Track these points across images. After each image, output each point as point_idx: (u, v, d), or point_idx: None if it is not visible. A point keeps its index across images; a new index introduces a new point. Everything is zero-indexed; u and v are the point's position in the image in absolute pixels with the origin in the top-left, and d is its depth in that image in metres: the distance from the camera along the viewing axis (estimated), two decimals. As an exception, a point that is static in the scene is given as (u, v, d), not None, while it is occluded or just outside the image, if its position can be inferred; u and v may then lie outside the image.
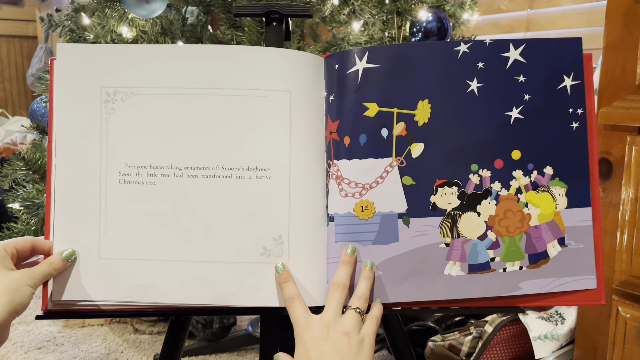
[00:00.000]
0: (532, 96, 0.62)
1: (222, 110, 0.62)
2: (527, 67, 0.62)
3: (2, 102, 3.23)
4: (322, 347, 0.55)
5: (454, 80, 0.62)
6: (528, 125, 0.62)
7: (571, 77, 0.63)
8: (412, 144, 0.62)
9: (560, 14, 1.60)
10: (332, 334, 0.56)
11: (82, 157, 0.62)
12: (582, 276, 0.63)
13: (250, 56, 0.62)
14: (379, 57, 0.62)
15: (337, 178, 0.62)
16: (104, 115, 0.62)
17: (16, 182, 1.26)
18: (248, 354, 1.47)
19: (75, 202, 0.62)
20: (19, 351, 1.46)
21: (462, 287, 0.61)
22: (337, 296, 0.59)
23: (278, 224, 0.62)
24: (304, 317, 0.58)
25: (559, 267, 0.62)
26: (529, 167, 0.62)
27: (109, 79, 0.62)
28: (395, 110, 0.62)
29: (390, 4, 1.23)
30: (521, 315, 1.17)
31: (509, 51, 0.62)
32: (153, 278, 0.61)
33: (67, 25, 1.19)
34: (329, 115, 0.63)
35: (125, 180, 0.62)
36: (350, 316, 0.58)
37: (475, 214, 0.62)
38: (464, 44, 0.62)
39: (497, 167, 0.62)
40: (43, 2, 3.02)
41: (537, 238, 0.62)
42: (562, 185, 0.63)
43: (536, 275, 0.62)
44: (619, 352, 0.98)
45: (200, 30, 1.26)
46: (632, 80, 0.94)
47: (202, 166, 0.62)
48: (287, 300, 0.59)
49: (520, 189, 0.62)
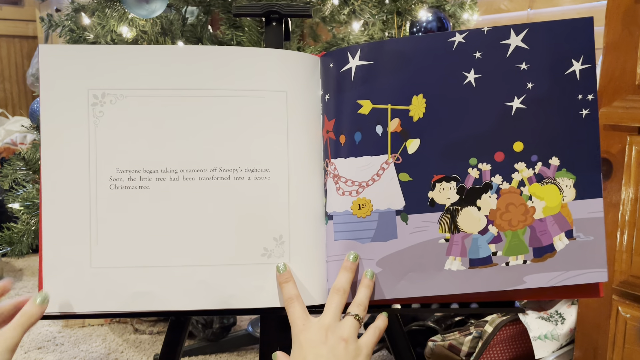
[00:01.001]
0: (535, 84, 0.60)
1: (217, 112, 0.61)
2: (529, 53, 0.59)
3: (2, 102, 3.23)
4: (318, 350, 0.55)
5: (450, 72, 0.60)
6: (531, 115, 0.60)
7: (581, 60, 0.59)
8: (407, 140, 0.61)
9: (560, 14, 1.60)
10: (330, 338, 0.55)
11: (69, 162, 0.60)
12: (592, 269, 0.60)
13: (245, 57, 0.61)
14: (372, 53, 0.61)
15: (335, 177, 0.62)
16: (92, 119, 0.60)
17: (16, 182, 1.26)
18: (248, 354, 1.47)
19: (63, 210, 0.60)
20: (19, 351, 1.46)
21: (463, 282, 0.61)
22: (336, 300, 0.58)
23: (278, 224, 0.61)
24: (302, 319, 0.58)
25: (567, 261, 0.60)
26: (533, 158, 0.60)
27: (97, 81, 0.60)
28: (389, 106, 0.61)
29: (390, 4, 1.23)
30: (521, 315, 1.17)
31: (510, 38, 0.60)
32: (150, 285, 0.60)
33: (67, 25, 1.18)
34: (326, 114, 0.63)
35: (117, 186, 0.60)
36: (349, 322, 0.57)
37: (475, 208, 0.61)
38: (459, 34, 0.60)
39: (498, 160, 0.61)
40: (43, 2, 3.01)
41: (542, 231, 0.61)
42: (570, 176, 0.60)
43: (542, 268, 0.61)
44: (619, 352, 0.98)
45: (200, 30, 1.26)
46: (632, 80, 0.94)
47: (199, 168, 0.61)
48: (286, 300, 0.59)
49: (523, 181, 0.61)
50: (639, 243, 0.94)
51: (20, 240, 1.17)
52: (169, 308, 0.60)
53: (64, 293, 0.60)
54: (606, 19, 0.97)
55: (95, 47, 0.62)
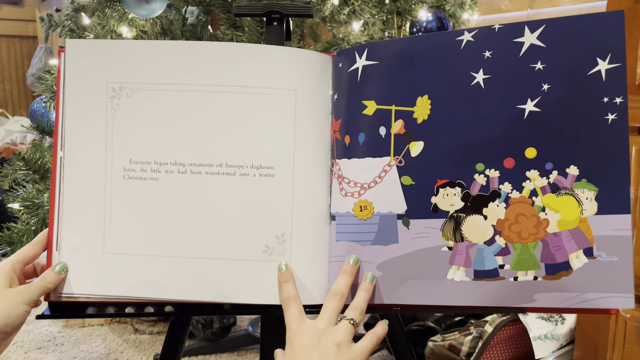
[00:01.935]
0: (552, 85, 0.55)
1: (227, 108, 0.62)
2: (546, 52, 0.55)
3: (2, 102, 3.23)
4: (309, 355, 0.55)
5: (457, 72, 0.57)
6: (547, 119, 0.55)
7: (607, 59, 0.54)
8: (410, 143, 0.59)
9: (560, 13, 1.60)
10: (322, 343, 0.55)
11: (88, 152, 0.62)
12: (615, 294, 0.54)
13: (256, 54, 0.62)
14: (378, 53, 0.60)
15: (339, 177, 0.62)
16: (109, 111, 0.62)
17: (16, 182, 1.26)
18: (248, 354, 1.47)
19: (80, 197, 0.62)
20: (19, 351, 1.46)
21: (467, 294, 0.58)
22: (333, 304, 0.58)
23: (281, 222, 0.62)
24: (297, 321, 0.57)
25: (584, 281, 0.55)
26: (547, 166, 0.56)
27: (115, 75, 0.62)
28: (393, 107, 0.60)
29: (390, 4, 1.23)
30: (521, 315, 1.17)
31: (524, 35, 0.55)
32: (155, 274, 0.61)
33: (67, 25, 1.18)
34: (334, 114, 0.63)
35: (130, 176, 0.62)
36: (344, 327, 0.57)
37: (481, 217, 0.58)
38: (468, 33, 0.57)
39: (507, 167, 0.57)
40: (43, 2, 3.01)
41: (557, 247, 0.56)
42: (591, 188, 0.55)
43: (555, 287, 0.56)
44: (619, 352, 0.98)
45: (200, 30, 1.26)
46: (632, 80, 0.94)
47: (206, 163, 0.62)
48: (284, 300, 0.59)
49: (535, 191, 0.56)
50: (639, 243, 0.94)
51: (20, 240, 1.17)
52: (170, 297, 0.61)
53: (77, 276, 0.62)
54: (606, 19, 0.97)
55: (115, 42, 0.63)
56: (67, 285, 0.61)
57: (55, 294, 0.61)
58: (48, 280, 0.60)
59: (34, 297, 0.58)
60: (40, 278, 0.60)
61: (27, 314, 0.58)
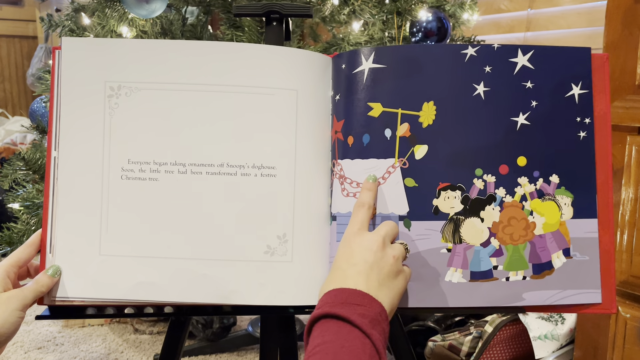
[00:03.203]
0: (539, 102, 0.61)
1: (227, 107, 0.62)
2: (534, 73, 0.61)
3: (2, 102, 3.23)
4: (366, 255, 0.55)
5: (461, 83, 0.61)
6: (534, 132, 0.61)
7: (579, 86, 0.62)
8: (415, 146, 0.61)
9: (560, 13, 1.60)
10: (384, 250, 0.55)
11: (84, 152, 0.62)
12: (587, 290, 0.61)
13: (257, 54, 0.62)
14: (386, 57, 0.61)
15: (341, 177, 0.62)
16: (107, 110, 0.62)
17: (16, 182, 1.26)
18: (248, 354, 1.47)
19: (75, 198, 0.61)
20: (19, 351, 1.46)
21: (463, 295, 0.60)
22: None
23: (282, 222, 0.61)
24: (361, 225, 0.57)
25: (564, 279, 0.61)
26: (535, 174, 0.61)
27: (114, 74, 0.62)
28: (399, 110, 0.61)
29: (390, 4, 1.23)
30: (521, 315, 1.17)
31: (517, 56, 0.61)
32: (154, 276, 0.61)
33: (67, 25, 1.18)
34: (335, 114, 0.63)
35: (128, 176, 0.61)
36: (400, 247, 0.57)
37: (478, 219, 0.61)
38: (471, 47, 0.61)
39: (502, 173, 0.61)
40: (43, 2, 3.02)
41: (542, 248, 0.61)
42: (568, 195, 0.62)
43: (540, 286, 0.61)
44: (619, 352, 0.98)
45: (200, 30, 1.26)
46: (632, 80, 0.94)
47: (207, 163, 0.61)
48: (357, 204, 0.59)
49: (525, 196, 0.61)
50: (639, 243, 0.94)
51: (20, 240, 1.17)
52: (170, 299, 0.61)
53: (72, 279, 0.61)
54: (606, 19, 0.97)
55: (113, 41, 0.63)
56: (62, 288, 0.60)
57: (49, 297, 0.60)
58: (41, 284, 0.59)
59: (28, 302, 0.58)
60: (34, 282, 0.59)
61: (21, 320, 0.57)
